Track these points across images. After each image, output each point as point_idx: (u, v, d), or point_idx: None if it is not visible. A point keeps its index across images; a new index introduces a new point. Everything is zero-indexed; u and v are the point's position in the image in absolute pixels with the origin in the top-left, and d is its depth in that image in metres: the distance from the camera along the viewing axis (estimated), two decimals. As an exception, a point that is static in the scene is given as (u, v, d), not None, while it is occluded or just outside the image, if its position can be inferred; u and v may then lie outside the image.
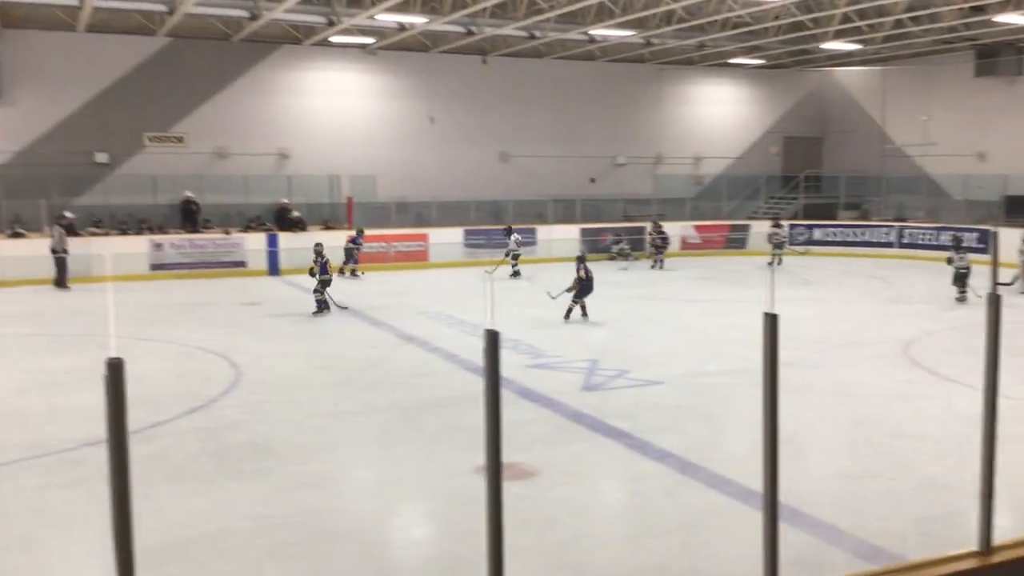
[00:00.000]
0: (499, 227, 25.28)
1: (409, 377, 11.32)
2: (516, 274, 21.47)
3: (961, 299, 17.10)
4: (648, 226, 25.52)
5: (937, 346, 13.03)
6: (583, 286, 15.36)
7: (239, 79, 24.36)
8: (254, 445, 8.51)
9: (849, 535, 6.34)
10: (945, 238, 24.90)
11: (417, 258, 23.69)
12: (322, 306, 16.07)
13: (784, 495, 7.24)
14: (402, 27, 22.79)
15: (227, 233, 22.44)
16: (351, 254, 21.77)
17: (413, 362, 12.26)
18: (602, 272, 22.63)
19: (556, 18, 21.98)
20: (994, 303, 3.99)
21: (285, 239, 22.47)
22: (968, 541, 4.04)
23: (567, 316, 15.32)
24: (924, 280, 19.41)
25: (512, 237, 22.43)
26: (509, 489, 7.65)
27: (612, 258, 25.37)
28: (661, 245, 24.36)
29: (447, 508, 6.99)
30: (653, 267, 23.79)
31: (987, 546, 4.00)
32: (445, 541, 6.53)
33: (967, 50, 26.20)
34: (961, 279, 17.21)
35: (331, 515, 6.86)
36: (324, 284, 16.16)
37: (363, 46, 24.84)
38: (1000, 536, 4.22)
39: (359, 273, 21.60)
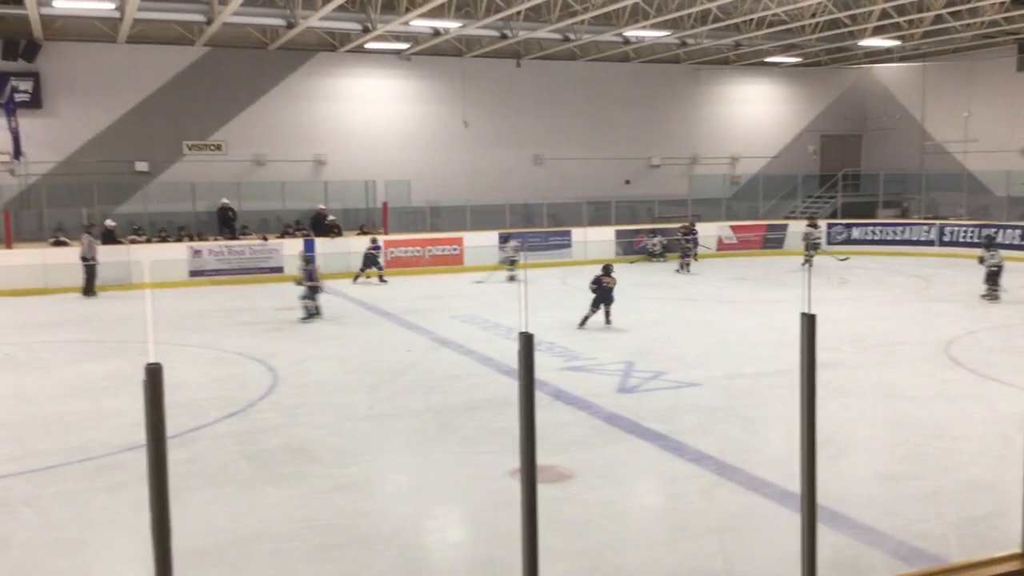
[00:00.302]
0: (538, 230, 25.36)
1: (443, 380, 11.35)
2: (512, 278, 21.45)
3: (990, 297, 16.76)
4: (679, 227, 25.31)
5: (979, 345, 12.78)
6: (600, 294, 15.10)
7: (276, 87, 24.64)
8: (291, 449, 8.59)
9: (889, 537, 6.24)
10: (984, 235, 24.48)
11: (452, 262, 23.77)
12: (311, 312, 16.17)
13: (822, 497, 7.15)
14: (436, 32, 22.91)
15: (264, 239, 22.69)
16: (372, 259, 21.76)
17: (447, 365, 12.29)
18: (639, 273, 22.66)
19: (590, 20, 21.96)
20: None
21: (321, 244, 22.66)
22: (1011, 543, 3.96)
23: (583, 324, 14.93)
24: (965, 279, 19.03)
25: (509, 243, 22.57)
26: (544, 491, 7.71)
27: (649, 258, 25.27)
28: (689, 247, 23.69)
29: (482, 511, 7.00)
30: (679, 271, 23.08)
31: (1030, 548, 3.91)
32: (480, 544, 6.53)
33: (1008, 44, 25.72)
34: (993, 277, 16.89)
35: (367, 518, 6.90)
36: (313, 291, 16.24)
37: (398, 52, 25.00)
38: (1045, 538, 4.14)
39: (384, 279, 21.57)
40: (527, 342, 3.29)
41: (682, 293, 19.48)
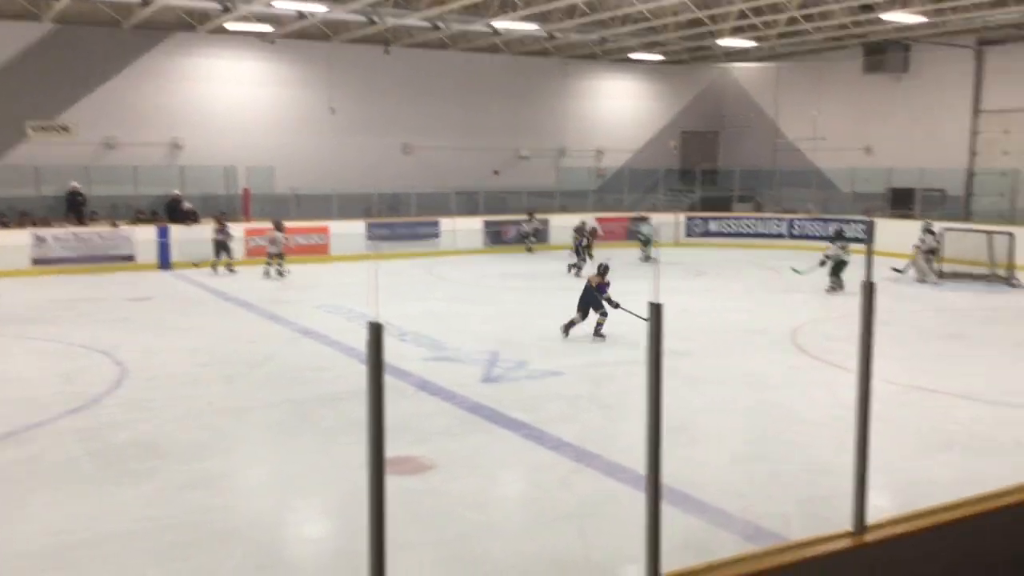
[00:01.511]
0: (403, 220, 25.19)
1: (304, 371, 11.10)
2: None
3: (833, 289, 17.68)
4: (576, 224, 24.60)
5: (824, 334, 13.50)
6: (583, 296, 13.14)
7: (129, 67, 23.46)
8: (139, 445, 8.20)
9: (737, 518, 6.50)
10: (833, 229, 25.86)
11: (317, 251, 23.28)
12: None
13: (676, 480, 7.41)
14: (301, 15, 22.34)
15: (114, 226, 21.60)
16: (223, 246, 20.82)
17: (309, 356, 12.02)
18: (508, 263, 22.81)
19: (460, 9, 21.88)
20: (867, 292, 4.13)
21: (177, 231, 21.77)
22: (847, 522, 4.18)
23: (566, 330, 13.13)
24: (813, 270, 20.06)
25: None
26: (405, 483, 7.62)
27: (528, 247, 25.55)
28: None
29: (342, 504, 6.87)
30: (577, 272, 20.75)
31: (861, 526, 4.14)
32: (340, 538, 6.42)
33: (856, 47, 27.21)
34: (836, 270, 17.80)
35: (221, 514, 6.68)
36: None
37: (261, 34, 24.24)
38: (878, 515, 4.39)
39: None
40: (376, 333, 3.22)
41: (548, 283, 19.72)
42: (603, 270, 13.50)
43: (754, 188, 30.52)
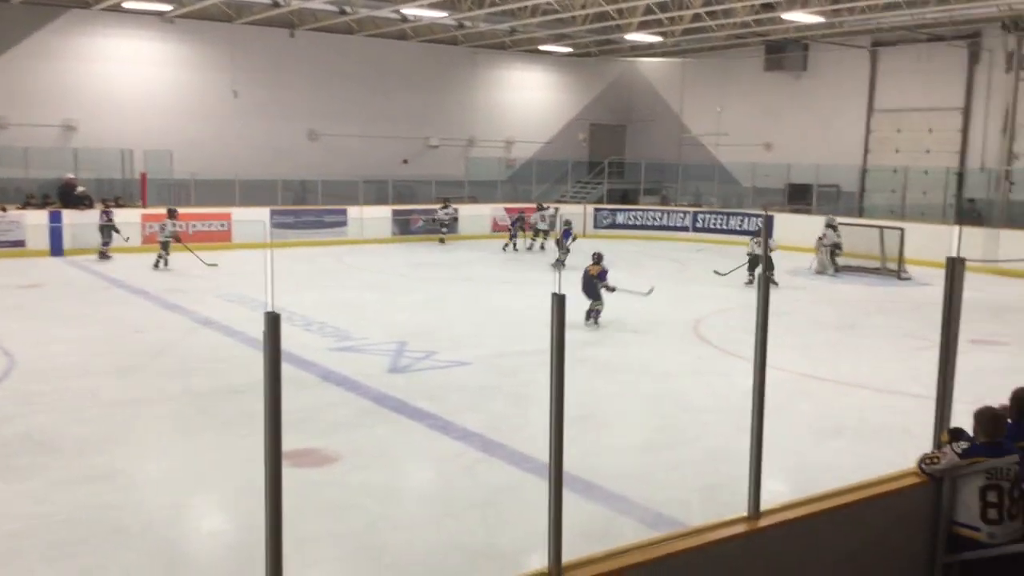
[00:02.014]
0: (309, 208, 24.76)
1: (204, 363, 10.80)
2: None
3: (751, 282, 18.16)
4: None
5: (725, 324, 13.85)
6: (583, 284, 13.45)
7: (18, 45, 22.33)
8: (28, 439, 7.86)
9: (638, 505, 6.62)
10: (734, 222, 26.58)
11: (219, 238, 22.64)
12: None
13: (580, 468, 7.47)
14: (202, -6, 21.68)
15: (3, 210, 20.59)
16: (109, 231, 20.12)
17: (209, 347, 11.70)
18: (419, 253, 22.67)
19: (366, -6, 21.60)
20: (762, 285, 4.24)
21: (69, 216, 20.88)
22: (745, 506, 4.29)
23: (587, 318, 13.37)
24: (717, 262, 20.53)
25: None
26: (308, 476, 7.48)
27: (440, 238, 25.42)
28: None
29: (240, 498, 6.71)
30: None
31: (756, 511, 4.27)
32: (240, 532, 6.27)
33: (758, 45, 27.94)
34: (754, 264, 18.23)
35: (116, 510, 6.45)
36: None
37: (160, 13, 23.41)
38: (774, 499, 4.53)
39: (108, 255, 19.85)
40: (273, 323, 3.15)
41: (458, 273, 19.70)
42: (598, 258, 13.86)
43: (660, 181, 31.08)
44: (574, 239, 21.63)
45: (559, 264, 20.38)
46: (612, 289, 13.55)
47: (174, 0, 22.47)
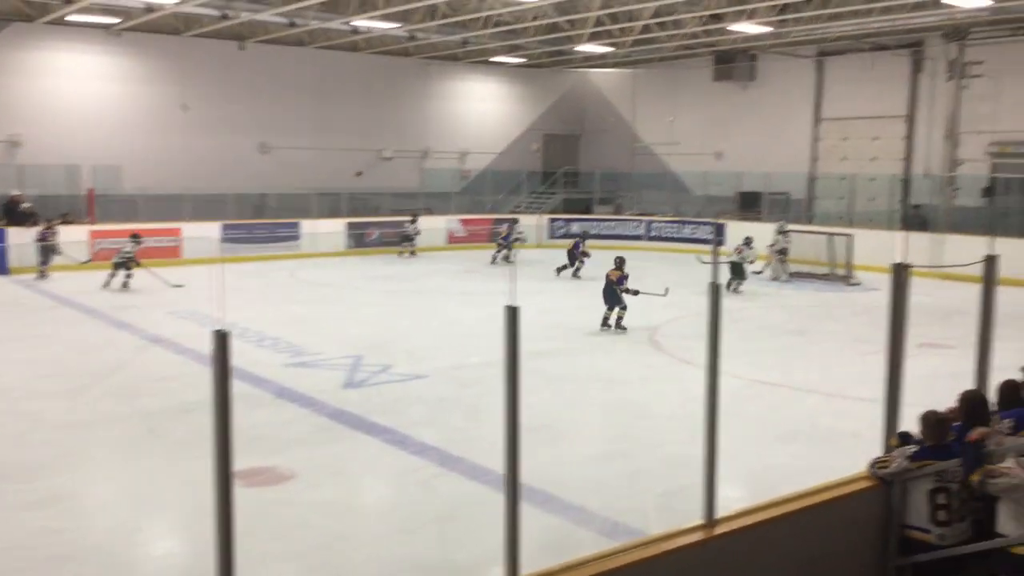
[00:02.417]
0: (261, 222, 24.49)
1: (154, 382, 10.58)
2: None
3: (737, 290, 18.52)
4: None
5: (679, 332, 13.95)
6: (605, 290, 14.00)
7: (-42, 58, 21.86)
8: (-30, 464, 7.63)
9: (596, 515, 6.62)
10: (688, 231, 26.86)
11: (169, 254, 22.28)
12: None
13: (538, 480, 7.44)
14: (149, 7, 21.35)
15: (-55, 228, 20.07)
16: (50, 250, 19.55)
17: (159, 366, 11.49)
18: (375, 265, 22.52)
19: (317, 6, 21.44)
20: (713, 292, 4.28)
21: (14, 234, 20.40)
22: (700, 515, 4.32)
23: (604, 324, 13.92)
24: (670, 270, 20.73)
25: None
26: (262, 495, 7.36)
27: (410, 251, 25.22)
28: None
29: (191, 521, 6.58)
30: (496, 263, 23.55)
31: (711, 519, 4.30)
32: (191, 554, 6.15)
33: (707, 56, 28.30)
34: (736, 272, 18.58)
35: (60, 536, 6.30)
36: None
37: (106, 26, 23.03)
38: (729, 506, 4.56)
39: (46, 275, 19.30)
40: (221, 341, 3.09)
41: (414, 286, 19.61)
42: (620, 263, 14.40)
43: (614, 190, 31.31)
44: (585, 254, 21.37)
45: (575, 276, 20.59)
46: (635, 292, 14.16)
47: (120, 13, 22.12)
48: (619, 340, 13.45)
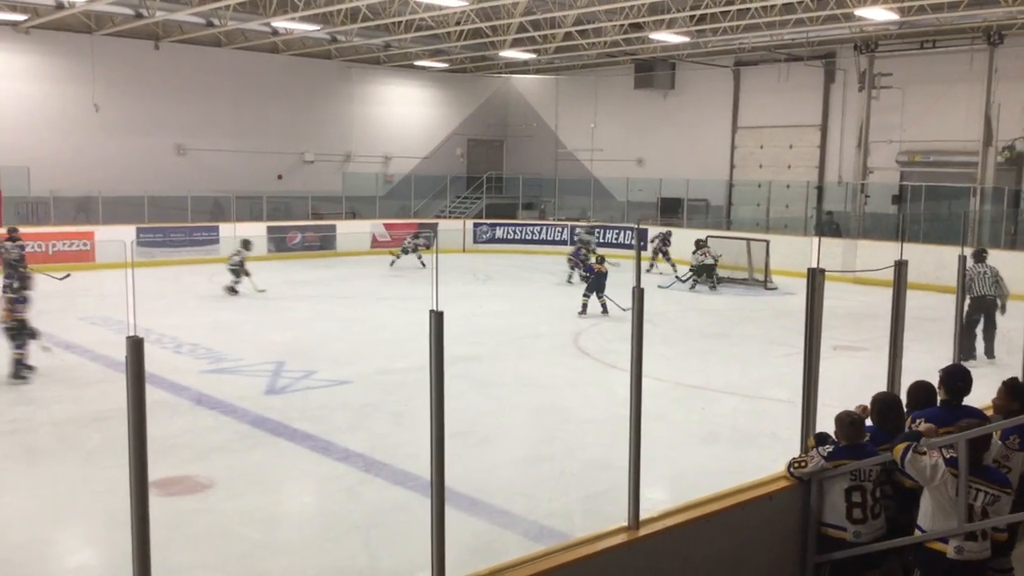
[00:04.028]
0: (178, 225, 23.87)
1: (66, 390, 10.23)
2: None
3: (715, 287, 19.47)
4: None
5: (603, 336, 14.11)
6: (594, 281, 16.00)
7: None
8: None
9: (522, 518, 6.64)
10: (611, 235, 27.13)
11: (81, 258, 21.57)
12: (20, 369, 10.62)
13: (464, 484, 7.44)
14: (60, 4, 20.66)
15: None
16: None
17: (71, 372, 11.09)
18: (294, 270, 22.16)
19: (235, 6, 21.05)
20: (638, 297, 4.34)
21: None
22: (624, 517, 4.37)
23: (583, 311, 15.79)
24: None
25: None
26: (181, 504, 7.18)
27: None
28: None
29: (110, 530, 6.36)
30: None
31: (635, 521, 4.35)
32: (106, 568, 5.96)
33: (628, 64, 28.72)
34: (699, 272, 19.80)
35: (-34, 552, 6.02)
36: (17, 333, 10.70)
37: (13, 23, 22.19)
38: (653, 507, 4.62)
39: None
40: (136, 348, 3.01)
41: (337, 290, 19.39)
42: (600, 259, 16.65)
43: (538, 196, 31.49)
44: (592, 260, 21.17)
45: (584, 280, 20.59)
46: (585, 277, 16.99)
47: (28, 10, 21.35)
48: (543, 344, 13.53)
